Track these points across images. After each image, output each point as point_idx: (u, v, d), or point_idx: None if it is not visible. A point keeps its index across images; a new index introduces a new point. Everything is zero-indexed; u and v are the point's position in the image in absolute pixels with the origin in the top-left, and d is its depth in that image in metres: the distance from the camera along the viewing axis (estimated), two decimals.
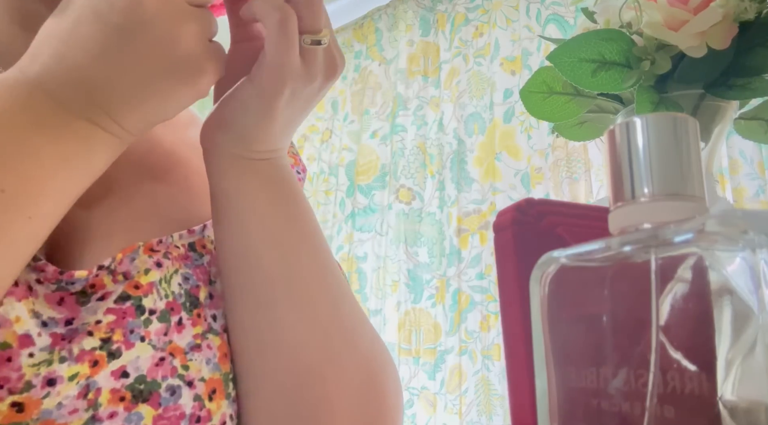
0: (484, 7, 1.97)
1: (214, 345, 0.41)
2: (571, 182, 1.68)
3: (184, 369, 0.38)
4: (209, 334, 0.41)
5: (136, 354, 0.36)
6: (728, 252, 0.22)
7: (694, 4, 0.50)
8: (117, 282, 0.38)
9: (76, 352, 0.35)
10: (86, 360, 0.35)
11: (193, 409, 0.38)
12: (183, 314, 0.40)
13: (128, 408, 0.35)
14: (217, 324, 0.42)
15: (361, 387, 0.42)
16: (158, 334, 0.38)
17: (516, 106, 1.82)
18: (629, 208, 0.26)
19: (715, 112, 0.53)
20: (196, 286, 0.42)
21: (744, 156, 1.49)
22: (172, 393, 0.37)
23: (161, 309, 0.39)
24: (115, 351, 0.36)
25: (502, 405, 1.66)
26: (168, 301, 0.39)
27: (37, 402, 0.33)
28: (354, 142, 2.19)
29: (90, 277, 0.37)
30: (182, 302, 0.40)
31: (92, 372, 0.35)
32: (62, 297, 0.36)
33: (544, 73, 0.59)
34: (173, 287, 0.40)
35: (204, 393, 0.39)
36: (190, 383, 0.38)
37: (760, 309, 0.21)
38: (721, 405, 0.22)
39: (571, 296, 0.28)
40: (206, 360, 0.40)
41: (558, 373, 0.27)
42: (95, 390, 0.35)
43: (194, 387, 0.38)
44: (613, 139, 0.27)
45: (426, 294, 1.88)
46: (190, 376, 0.38)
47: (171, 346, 0.38)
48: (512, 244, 0.38)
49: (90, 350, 0.35)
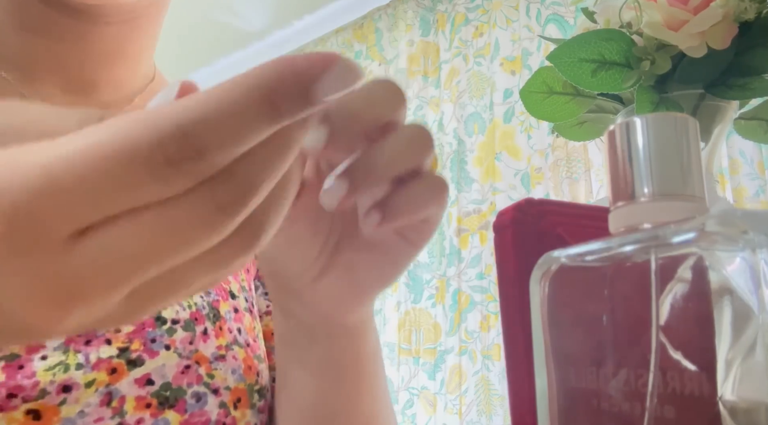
0: (484, 7, 1.97)
1: (239, 357, 0.41)
2: (571, 182, 1.68)
3: (210, 378, 0.38)
4: (234, 346, 0.41)
5: (161, 362, 0.37)
6: (728, 252, 0.22)
7: (694, 4, 0.50)
8: None
9: (93, 360, 0.35)
10: (103, 369, 0.35)
11: (219, 416, 0.38)
12: (207, 324, 0.40)
13: (154, 414, 0.36)
14: (242, 337, 0.42)
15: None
16: (183, 343, 0.38)
17: (516, 106, 1.82)
18: (629, 208, 0.26)
19: (715, 112, 0.53)
20: (217, 300, 0.42)
21: (744, 156, 1.49)
22: (197, 400, 0.37)
23: (185, 319, 0.39)
24: (136, 360, 0.36)
25: (502, 405, 1.66)
26: (192, 312, 0.40)
27: (53, 409, 0.33)
28: None
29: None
30: (206, 313, 0.41)
31: (111, 380, 0.35)
32: None
33: (544, 73, 0.59)
34: (195, 299, 0.41)
35: (230, 401, 0.39)
36: (215, 391, 0.38)
37: (760, 309, 0.21)
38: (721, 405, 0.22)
39: (571, 296, 0.28)
40: (231, 369, 0.40)
41: (558, 373, 0.27)
42: (119, 398, 0.35)
43: (220, 395, 0.38)
44: (613, 139, 0.27)
45: (426, 294, 1.88)
46: (215, 384, 0.39)
47: (197, 355, 0.39)
48: (512, 244, 0.37)
49: (107, 358, 0.35)
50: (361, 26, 2.29)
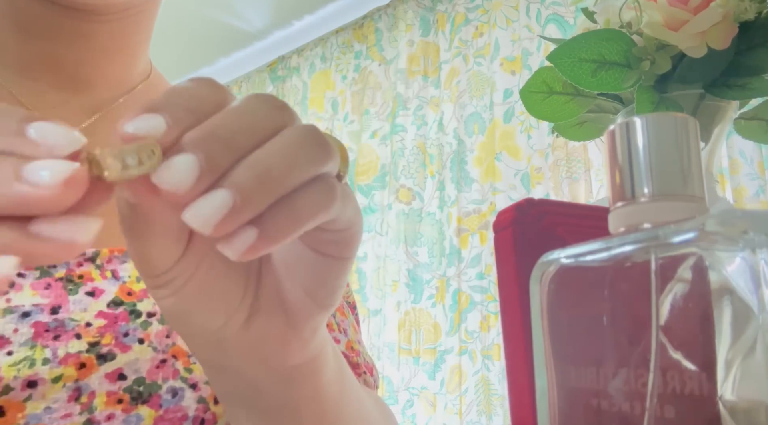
0: (484, 7, 1.97)
1: None
2: (571, 182, 1.68)
3: (188, 372, 0.38)
4: None
5: (134, 357, 0.36)
6: (728, 252, 0.22)
7: (694, 4, 0.50)
8: (105, 278, 0.38)
9: (61, 355, 0.34)
10: (71, 363, 0.34)
11: (197, 411, 0.37)
12: None
13: (127, 410, 0.35)
14: None
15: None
16: (159, 336, 0.37)
17: (516, 106, 1.82)
18: (629, 208, 0.26)
19: (715, 112, 0.53)
20: None
21: (744, 156, 1.49)
22: (173, 395, 0.36)
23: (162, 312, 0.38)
24: (107, 354, 0.35)
25: (502, 405, 1.66)
26: None
27: (18, 404, 0.32)
28: (354, 142, 2.19)
29: (72, 262, 0.37)
30: None
31: (80, 375, 0.34)
32: (48, 283, 0.36)
33: (544, 73, 0.59)
34: None
35: (209, 396, 0.38)
36: (193, 385, 0.37)
37: (760, 309, 0.21)
38: (721, 405, 0.22)
39: (571, 296, 0.28)
40: None
41: (558, 373, 0.27)
42: (89, 393, 0.34)
43: (198, 390, 0.38)
44: (613, 139, 0.27)
45: (426, 294, 1.88)
46: (193, 379, 0.38)
47: (174, 349, 0.38)
48: (512, 244, 0.37)
49: (76, 353, 0.35)
50: (361, 26, 2.29)
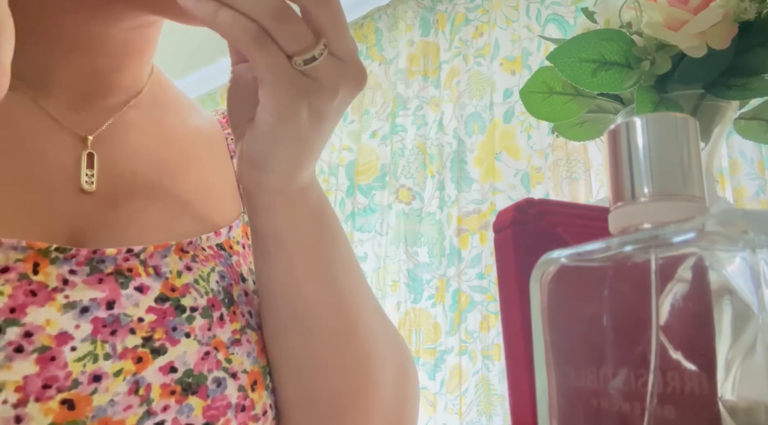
0: (484, 7, 1.97)
1: (252, 340, 0.42)
2: (571, 182, 1.68)
3: (228, 362, 0.40)
4: (248, 330, 0.42)
5: (183, 350, 0.38)
6: (728, 252, 0.22)
7: (694, 4, 0.50)
8: (149, 274, 0.39)
9: (119, 349, 0.36)
10: (129, 357, 0.36)
11: (238, 399, 0.39)
12: (223, 310, 0.41)
13: (179, 400, 0.37)
14: (254, 320, 0.44)
15: (394, 407, 0.45)
16: (202, 330, 0.39)
17: (516, 106, 1.82)
18: (629, 208, 0.26)
19: (715, 112, 0.53)
20: (230, 284, 0.43)
21: (744, 156, 1.49)
22: (218, 385, 0.39)
23: (203, 306, 0.40)
24: (159, 348, 0.37)
25: (502, 405, 1.66)
26: (209, 298, 0.41)
27: (86, 398, 0.34)
28: (354, 142, 2.19)
29: (119, 257, 0.39)
30: (221, 299, 0.42)
31: (138, 369, 0.36)
32: (100, 278, 0.38)
33: (544, 73, 0.59)
34: (212, 285, 0.42)
35: (247, 384, 0.40)
36: (234, 375, 0.40)
37: (760, 309, 0.21)
38: (721, 405, 0.22)
39: (571, 296, 0.28)
40: (247, 353, 0.41)
41: (558, 373, 0.27)
42: (145, 386, 0.36)
43: (238, 379, 0.40)
44: (613, 139, 0.27)
45: (426, 294, 1.88)
46: (233, 368, 0.40)
47: (215, 341, 0.40)
48: (512, 244, 0.38)
49: (133, 348, 0.37)
50: (361, 26, 2.29)
